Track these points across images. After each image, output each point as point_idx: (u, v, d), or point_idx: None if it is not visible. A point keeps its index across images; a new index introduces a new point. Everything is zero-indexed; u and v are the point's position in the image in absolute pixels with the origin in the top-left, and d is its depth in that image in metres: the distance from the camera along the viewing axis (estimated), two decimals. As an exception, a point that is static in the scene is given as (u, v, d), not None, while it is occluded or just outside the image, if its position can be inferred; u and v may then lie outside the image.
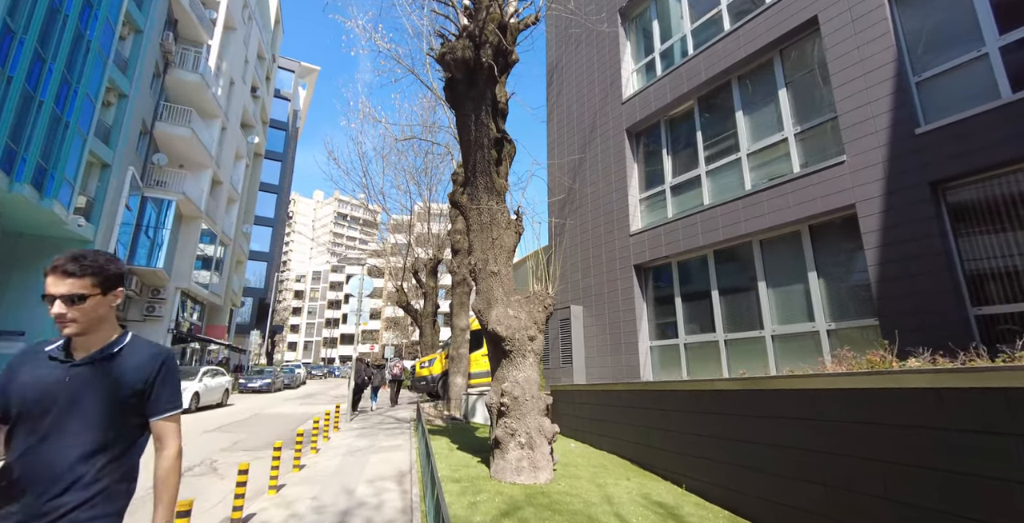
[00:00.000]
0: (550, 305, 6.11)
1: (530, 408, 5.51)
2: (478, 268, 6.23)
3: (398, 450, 7.58)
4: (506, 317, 5.77)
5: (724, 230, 8.69)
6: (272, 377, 24.46)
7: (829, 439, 3.81)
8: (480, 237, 6.31)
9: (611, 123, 11.62)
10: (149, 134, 20.36)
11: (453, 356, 11.59)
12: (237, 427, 11.18)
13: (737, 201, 8.59)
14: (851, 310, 6.96)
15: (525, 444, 5.39)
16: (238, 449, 8.39)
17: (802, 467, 4.07)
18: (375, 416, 12.43)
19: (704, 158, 9.57)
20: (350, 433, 9.38)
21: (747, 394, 4.89)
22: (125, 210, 18.06)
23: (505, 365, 5.79)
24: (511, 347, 5.72)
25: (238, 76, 27.86)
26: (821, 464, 3.88)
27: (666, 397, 6.19)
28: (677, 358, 9.38)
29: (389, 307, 53.01)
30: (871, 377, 3.44)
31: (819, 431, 3.91)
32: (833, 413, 3.73)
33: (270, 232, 37.94)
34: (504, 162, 6.68)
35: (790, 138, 8.11)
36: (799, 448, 4.07)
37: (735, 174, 8.97)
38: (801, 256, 7.68)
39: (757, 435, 4.71)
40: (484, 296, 6.13)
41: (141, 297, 20.96)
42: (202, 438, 9.47)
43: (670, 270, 9.87)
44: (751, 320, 8.26)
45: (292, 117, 42.39)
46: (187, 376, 14.67)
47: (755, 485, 4.67)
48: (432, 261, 18.90)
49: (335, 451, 7.48)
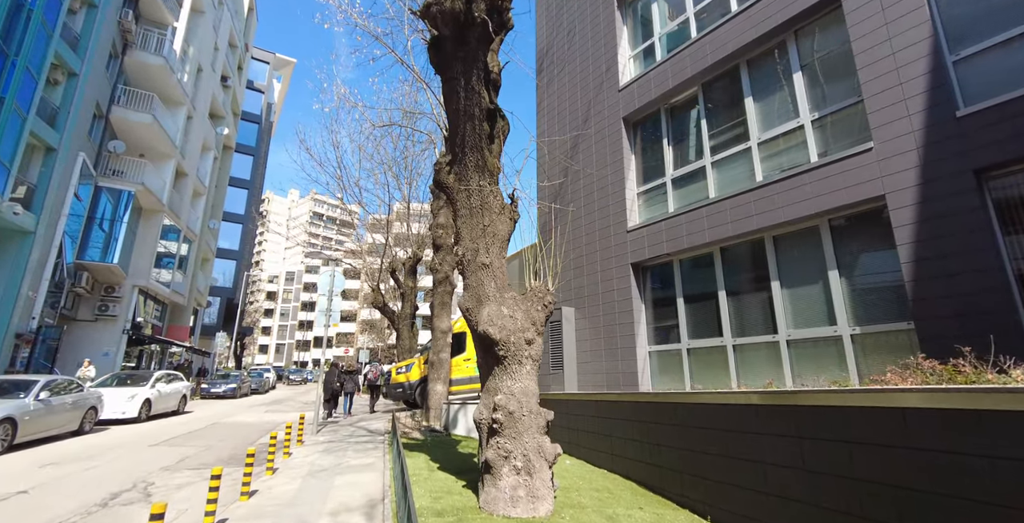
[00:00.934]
0: (551, 303, 5.26)
1: (528, 425, 4.64)
2: (467, 259, 5.34)
3: (369, 470, 6.59)
4: (500, 317, 4.89)
5: (733, 225, 7.99)
6: (238, 382, 22.99)
7: (928, 473, 3.00)
8: (469, 224, 5.42)
9: (607, 112, 10.87)
10: (105, 119, 18.86)
11: (433, 361, 10.63)
12: (189, 439, 9.99)
13: (747, 194, 7.91)
14: (879, 313, 6.29)
15: (522, 469, 4.51)
16: (184, 467, 7.28)
17: (881, 505, 3.28)
18: (345, 427, 11.36)
19: (709, 148, 8.88)
20: (315, 448, 8.34)
21: (807, 412, 4.07)
22: (74, 200, 16.56)
23: (498, 373, 4.90)
24: (505, 352, 4.84)
25: (207, 63, 26.37)
26: (918, 504, 3.09)
27: (683, 411, 5.38)
28: (679, 364, 8.63)
29: (365, 309, 51.50)
30: (996, 396, 2.65)
31: (912, 461, 3.10)
32: (932, 439, 2.93)
33: (240, 229, 36.19)
34: (497, 139, 5.80)
35: (807, 125, 7.46)
36: (875, 481, 3.27)
37: (744, 165, 8.29)
38: (820, 253, 7.01)
39: (816, 462, 3.92)
40: (474, 292, 5.24)
41: (93, 295, 19.37)
42: (144, 454, 8.30)
43: (671, 269, 9.14)
44: (763, 324, 7.56)
45: (266, 110, 40.74)
46: (137, 381, 13.34)
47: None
48: (411, 260, 17.88)
49: (294, 472, 6.46)
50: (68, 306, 17.95)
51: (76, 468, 7.07)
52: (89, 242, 18.43)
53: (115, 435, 10.37)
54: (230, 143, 33.43)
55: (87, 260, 18.12)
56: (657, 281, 9.49)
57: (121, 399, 12.09)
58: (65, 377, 10.79)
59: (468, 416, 9.43)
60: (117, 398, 12.08)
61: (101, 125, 18.77)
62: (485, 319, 4.89)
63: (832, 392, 3.71)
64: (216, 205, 31.99)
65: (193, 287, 27.21)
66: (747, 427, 4.63)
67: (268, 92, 41.47)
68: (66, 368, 17.86)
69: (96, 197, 18.59)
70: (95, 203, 18.56)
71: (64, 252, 16.26)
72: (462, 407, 9.64)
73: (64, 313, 17.72)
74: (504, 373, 4.87)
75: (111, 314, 19.60)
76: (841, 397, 3.57)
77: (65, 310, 17.66)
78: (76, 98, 16.00)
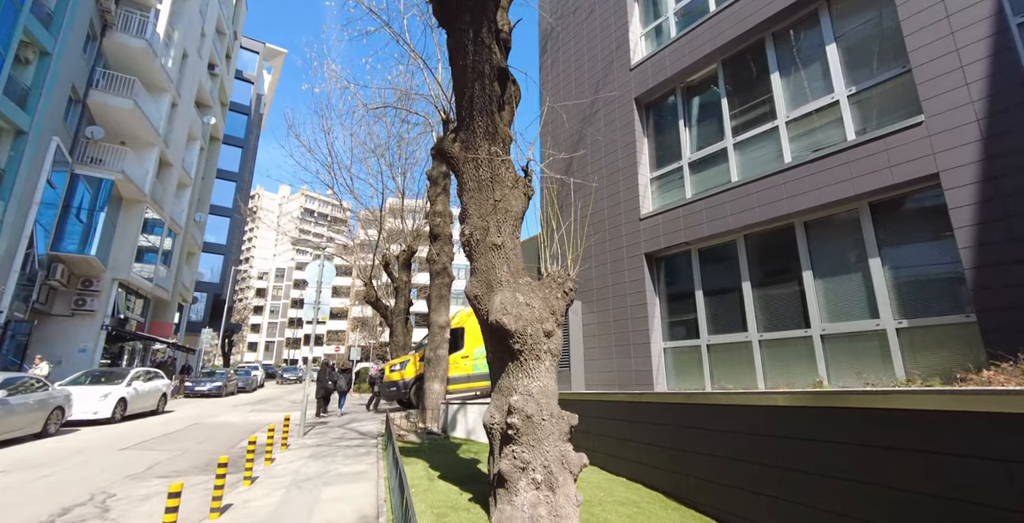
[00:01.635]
0: (572, 290, 4.57)
1: (549, 431, 3.95)
2: (475, 239, 4.64)
3: (361, 479, 5.87)
4: (515, 305, 4.20)
5: (759, 211, 7.35)
6: (224, 380, 22.09)
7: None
8: (477, 199, 4.72)
9: (617, 93, 10.20)
10: (82, 103, 17.89)
11: (430, 358, 9.91)
12: (165, 442, 9.21)
13: (774, 177, 7.27)
14: (930, 304, 5.67)
15: (542, 482, 3.82)
16: (153, 475, 6.52)
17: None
18: (335, 429, 10.61)
19: (731, 129, 8.24)
20: (301, 453, 7.60)
21: (882, 416, 3.43)
22: (47, 187, 15.61)
23: (512, 370, 4.21)
24: (521, 345, 4.14)
25: (192, 49, 25.36)
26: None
27: (721, 413, 4.71)
28: (698, 362, 7.99)
29: (356, 306, 50.57)
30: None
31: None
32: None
33: (228, 223, 35.15)
34: (508, 106, 5.10)
35: (842, 101, 6.83)
36: (994, 506, 2.62)
37: (770, 146, 7.66)
38: (859, 239, 6.38)
39: (903, 476, 3.27)
40: (483, 277, 4.54)
41: (69, 288, 18.41)
42: (111, 459, 7.52)
43: (689, 259, 8.49)
44: (793, 317, 6.93)
45: (255, 101, 39.66)
46: (112, 379, 12.48)
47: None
48: (405, 253, 17.13)
49: (276, 482, 5.73)
50: (42, 300, 17.00)
51: (29, 476, 6.29)
52: (65, 233, 17.47)
53: (83, 438, 9.55)
54: (217, 134, 32.40)
55: (62, 251, 17.17)
56: (673, 272, 8.84)
57: (93, 398, 11.25)
58: (30, 375, 9.95)
59: (468, 417, 8.73)
60: (89, 397, 11.24)
61: (78, 110, 17.81)
62: (497, 307, 4.19)
63: (928, 393, 3.05)
64: (203, 198, 30.96)
65: (178, 282, 26.24)
66: (800, 432, 3.98)
67: (258, 83, 40.39)
68: (39, 365, 16.92)
69: (72, 185, 17.63)
70: (71, 191, 17.60)
71: (36, 242, 15.32)
72: (461, 407, 8.94)
73: (37, 307, 16.77)
74: (520, 370, 4.18)
75: (88, 309, 18.65)
76: (945, 400, 2.90)
77: (38, 304, 16.72)
78: (49, 79, 15.05)
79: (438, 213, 10.70)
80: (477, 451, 7.50)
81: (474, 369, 12.48)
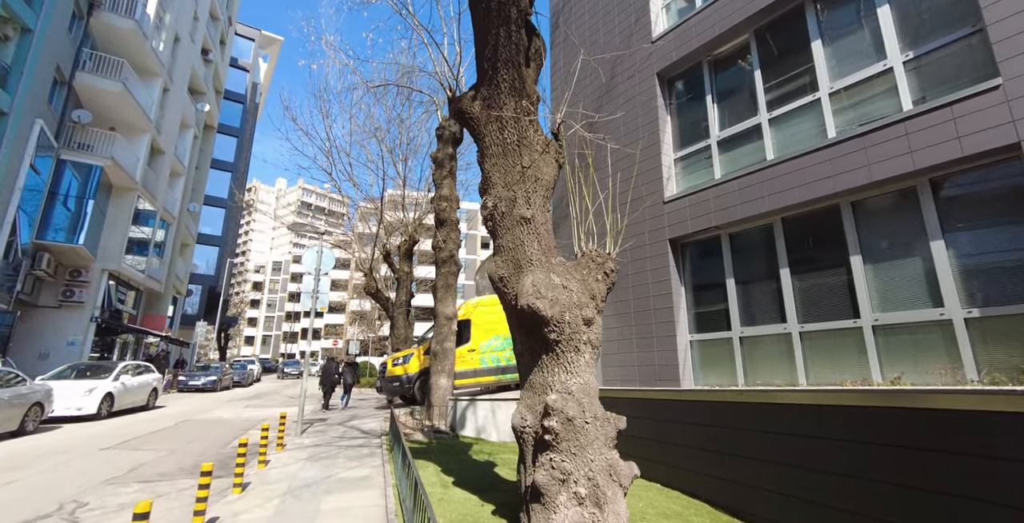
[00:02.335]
0: (613, 272, 3.93)
1: (593, 436, 3.33)
2: (500, 212, 3.99)
3: (366, 486, 5.25)
4: (550, 287, 3.55)
5: (799, 191, 6.71)
6: (219, 374, 21.46)
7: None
8: (502, 165, 4.06)
9: (637, 68, 9.52)
10: (68, 85, 17.10)
11: (436, 351, 9.28)
12: (152, 441, 8.58)
13: (816, 153, 6.63)
14: (1008, 291, 5.05)
15: (587, 497, 3.20)
16: (134, 479, 5.90)
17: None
18: (335, 427, 9.99)
19: (765, 103, 7.58)
20: (299, 454, 6.97)
21: (978, 419, 2.82)
22: (30, 172, 14.86)
23: (547, 364, 3.57)
24: (559, 335, 3.51)
25: (185, 33, 24.50)
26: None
27: (778, 413, 4.09)
28: (729, 356, 7.38)
29: (355, 299, 49.92)
30: None
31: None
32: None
33: (223, 214, 34.35)
34: (534, 62, 4.43)
35: (897, 67, 6.17)
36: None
37: (811, 120, 7.00)
38: (918, 220, 5.75)
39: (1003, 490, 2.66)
40: (509, 256, 3.89)
41: (56, 279, 17.69)
42: (90, 460, 6.89)
43: (719, 245, 7.85)
44: (839, 306, 6.31)
45: (251, 90, 38.75)
46: (99, 373, 11.84)
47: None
48: (407, 243, 16.46)
49: (270, 489, 5.10)
50: (27, 290, 16.28)
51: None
52: (51, 221, 16.74)
53: (64, 436, 8.92)
54: (212, 122, 31.55)
55: (49, 240, 16.44)
56: (701, 259, 8.21)
57: (77, 393, 10.61)
58: (6, 369, 9.28)
59: (478, 414, 8.11)
60: (73, 392, 10.60)
61: (64, 92, 17.02)
62: (529, 290, 3.55)
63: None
64: (197, 188, 30.19)
65: (171, 273, 25.52)
66: (885, 437, 3.37)
67: (253, 71, 39.46)
68: (25, 358, 16.26)
69: (59, 171, 16.87)
70: (57, 178, 16.85)
71: (19, 230, 14.60)
72: (471, 404, 8.32)
73: (22, 298, 16.07)
74: (556, 364, 3.54)
75: (77, 300, 17.94)
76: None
77: (23, 295, 16.01)
78: (31, 57, 14.27)
79: (444, 197, 10.04)
80: (491, 452, 6.89)
81: (481, 363, 11.87)
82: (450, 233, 9.99)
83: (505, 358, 12.13)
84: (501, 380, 12.18)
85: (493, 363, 11.98)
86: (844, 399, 4.10)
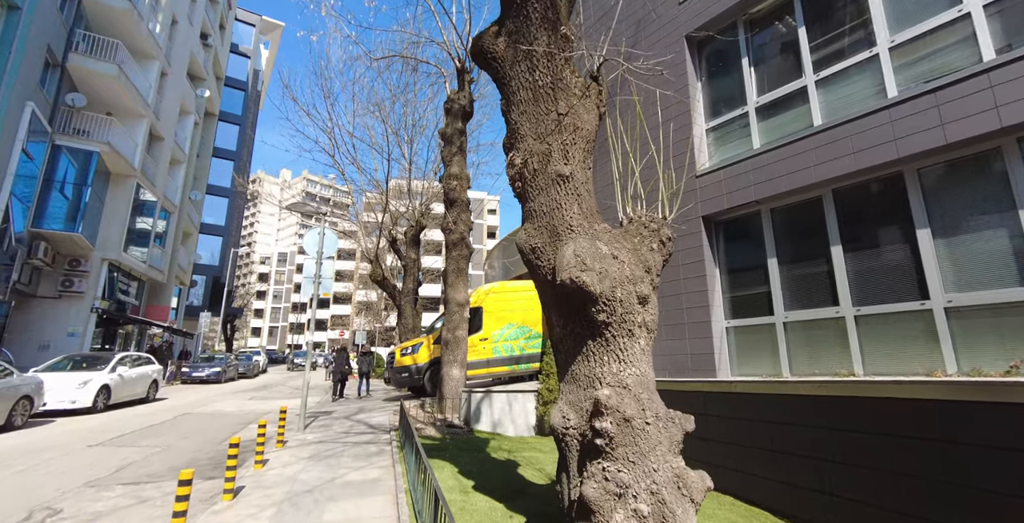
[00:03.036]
0: (670, 240, 3.26)
1: (655, 440, 2.68)
2: (531, 170, 3.32)
3: (375, 490, 4.65)
4: (596, 257, 2.89)
5: (854, 158, 5.97)
6: (223, 365, 21.04)
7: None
8: (533, 113, 3.38)
9: (662, 32, 8.73)
10: (61, 68, 16.48)
11: (447, 340, 8.66)
12: (145, 436, 8.06)
13: (874, 115, 5.87)
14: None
15: (650, 516, 2.56)
16: (117, 481, 5.34)
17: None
18: (340, 420, 9.42)
19: (812, 63, 6.81)
20: (300, 452, 6.39)
21: None
22: (22, 157, 14.30)
23: (595, 352, 2.92)
24: (609, 316, 2.85)
25: (183, 14, 23.76)
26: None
27: (861, 408, 3.43)
28: (770, 343, 6.71)
29: (361, 290, 49.50)
30: None
31: None
32: None
33: (226, 203, 33.82)
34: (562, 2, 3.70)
35: (974, 13, 5.39)
36: None
37: (867, 79, 6.24)
38: (1004, 187, 5.02)
39: None
40: (544, 221, 3.23)
41: (55, 269, 17.24)
42: (75, 459, 6.35)
43: (759, 221, 7.14)
44: (903, 286, 5.60)
45: (252, 77, 37.97)
46: (95, 365, 11.34)
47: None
48: (413, 228, 15.81)
49: (265, 496, 4.51)
50: (24, 280, 15.83)
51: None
52: (47, 208, 16.24)
53: (55, 431, 8.42)
54: (213, 109, 30.89)
55: (45, 228, 15.95)
56: (738, 238, 7.50)
57: (71, 386, 10.10)
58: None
59: (494, 407, 7.50)
60: (66, 385, 10.10)
61: (56, 75, 16.40)
62: (571, 261, 2.88)
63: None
64: (199, 176, 29.64)
65: (174, 263, 25.06)
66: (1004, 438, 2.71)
67: (255, 58, 38.65)
68: (25, 349, 15.86)
69: (54, 157, 16.33)
70: (53, 164, 16.31)
71: (12, 217, 14.07)
72: (486, 396, 7.71)
73: (20, 288, 15.62)
74: (605, 351, 2.89)
75: (76, 290, 17.51)
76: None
77: (21, 285, 15.56)
78: (18, 37, 13.63)
79: (454, 175, 9.34)
80: (510, 449, 6.29)
81: (494, 352, 11.27)
82: (460, 214, 9.32)
83: (519, 347, 11.52)
84: (515, 370, 11.58)
85: (506, 352, 11.37)
86: (961, 393, 3.43)
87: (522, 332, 11.63)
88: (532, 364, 11.62)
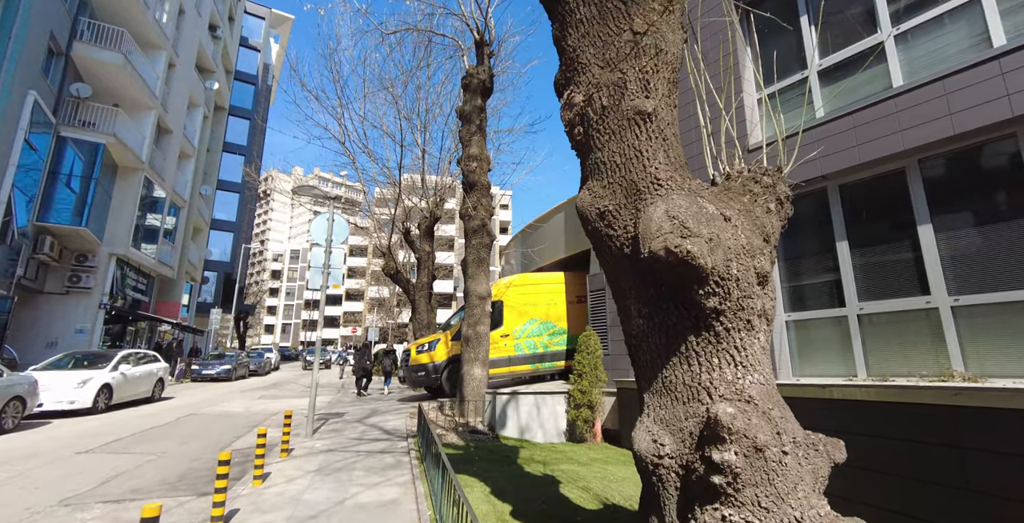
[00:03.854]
0: (788, 199, 2.45)
1: (796, 476, 1.86)
2: (597, 108, 2.52)
3: (391, 518, 3.90)
4: (701, 219, 2.08)
5: (947, 121, 5.07)
6: (233, 363, 20.56)
7: None
8: (598, 34, 2.57)
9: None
10: (65, 57, 15.97)
11: (468, 336, 7.90)
12: (143, 440, 7.43)
13: (973, 70, 4.97)
14: None
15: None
16: (99, 497, 4.67)
17: None
18: (352, 424, 8.72)
19: (889, 15, 5.89)
20: (307, 463, 5.67)
21: None
22: (25, 148, 13.80)
23: (700, 351, 2.10)
24: (722, 301, 2.04)
25: (190, 4, 23.26)
26: None
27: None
28: (841, 339, 5.84)
29: (373, 286, 49.08)
30: None
31: None
32: None
33: (237, 199, 33.43)
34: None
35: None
36: None
37: (962, 29, 5.32)
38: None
39: None
40: (617, 175, 2.43)
41: (62, 264, 16.80)
42: (62, 467, 5.70)
43: (824, 200, 6.27)
44: (1015, 272, 4.70)
45: (263, 71, 37.55)
46: (96, 363, 10.79)
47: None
48: (428, 219, 15.07)
49: (264, 521, 3.78)
50: (31, 276, 15.40)
51: None
52: (53, 202, 15.77)
53: (48, 434, 7.83)
54: (223, 103, 30.45)
55: (51, 222, 15.49)
56: (799, 218, 6.56)
57: (69, 385, 9.54)
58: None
59: (520, 411, 6.73)
60: (64, 384, 9.54)
61: (60, 64, 15.90)
62: (664, 225, 2.06)
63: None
64: (209, 171, 29.24)
65: (183, 258, 24.65)
66: None
67: (264, 51, 38.22)
68: (32, 346, 15.45)
69: (59, 149, 15.85)
70: (58, 156, 15.83)
71: (15, 210, 13.60)
72: (512, 398, 6.95)
73: (26, 284, 15.18)
74: (716, 350, 2.08)
75: (84, 286, 17.07)
76: None
77: (27, 280, 15.11)
78: (19, 23, 13.10)
79: (473, 157, 8.56)
80: (544, 460, 5.51)
81: (516, 350, 10.49)
82: (481, 199, 8.54)
83: (542, 344, 10.73)
84: (538, 369, 10.80)
85: (529, 350, 10.59)
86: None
87: (545, 328, 10.84)
88: (556, 363, 10.84)
